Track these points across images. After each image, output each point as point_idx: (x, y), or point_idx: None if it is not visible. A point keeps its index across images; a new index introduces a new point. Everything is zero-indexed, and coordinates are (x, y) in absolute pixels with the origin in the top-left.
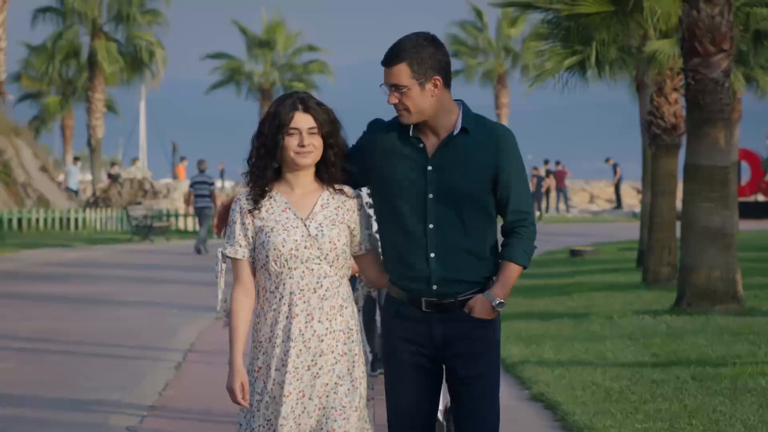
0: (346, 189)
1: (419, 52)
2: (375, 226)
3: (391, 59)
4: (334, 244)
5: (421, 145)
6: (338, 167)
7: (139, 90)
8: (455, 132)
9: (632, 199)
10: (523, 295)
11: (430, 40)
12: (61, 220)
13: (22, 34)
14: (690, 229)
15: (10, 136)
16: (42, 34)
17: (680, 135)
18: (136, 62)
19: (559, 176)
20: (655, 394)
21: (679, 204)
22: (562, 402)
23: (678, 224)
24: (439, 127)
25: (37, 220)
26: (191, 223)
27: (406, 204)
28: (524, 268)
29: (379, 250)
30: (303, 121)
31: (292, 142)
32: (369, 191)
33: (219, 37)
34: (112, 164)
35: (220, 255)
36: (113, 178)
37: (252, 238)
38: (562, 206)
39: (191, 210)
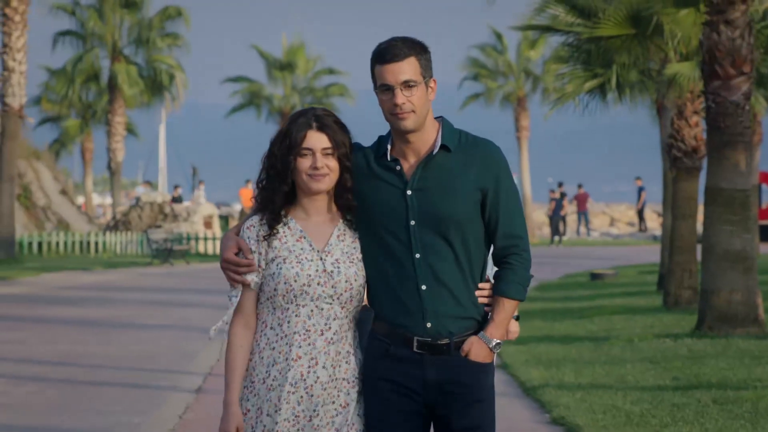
0: None
1: (422, 50)
2: None
3: (400, 53)
4: (350, 284)
5: (398, 168)
6: (354, 193)
7: (159, 113)
8: (434, 151)
9: (653, 222)
10: (543, 318)
11: (423, 43)
12: (81, 243)
13: (42, 58)
14: (711, 252)
15: (30, 160)
16: (62, 57)
17: (701, 158)
18: (156, 85)
19: (580, 199)
20: (676, 418)
21: (699, 227)
22: (582, 426)
23: (699, 247)
24: (420, 145)
25: (57, 244)
26: (211, 247)
27: (389, 232)
28: (520, 301)
29: None
30: (317, 140)
31: (304, 164)
32: None
33: (239, 61)
34: (176, 186)
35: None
36: (175, 201)
37: (263, 268)
38: (582, 229)
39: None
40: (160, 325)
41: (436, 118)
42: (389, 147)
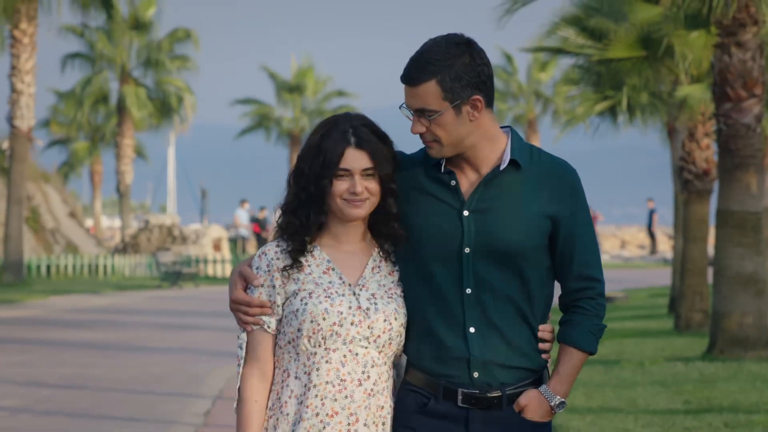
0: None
1: (453, 65)
2: None
3: (415, 76)
4: (390, 324)
5: (453, 183)
6: (399, 221)
7: (167, 135)
8: (502, 166)
9: (664, 245)
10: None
11: (466, 45)
12: (89, 266)
13: (51, 81)
14: (722, 275)
15: (39, 183)
16: (71, 80)
17: (712, 180)
18: (164, 107)
19: None
20: None
21: (711, 250)
22: None
23: (710, 270)
24: (480, 161)
25: (66, 267)
26: (220, 269)
27: (435, 261)
28: (591, 354)
29: None
30: (356, 159)
31: (340, 187)
32: None
33: (248, 83)
34: (262, 208)
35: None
36: (259, 223)
37: (282, 305)
38: None
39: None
40: (168, 348)
41: (503, 127)
42: None
